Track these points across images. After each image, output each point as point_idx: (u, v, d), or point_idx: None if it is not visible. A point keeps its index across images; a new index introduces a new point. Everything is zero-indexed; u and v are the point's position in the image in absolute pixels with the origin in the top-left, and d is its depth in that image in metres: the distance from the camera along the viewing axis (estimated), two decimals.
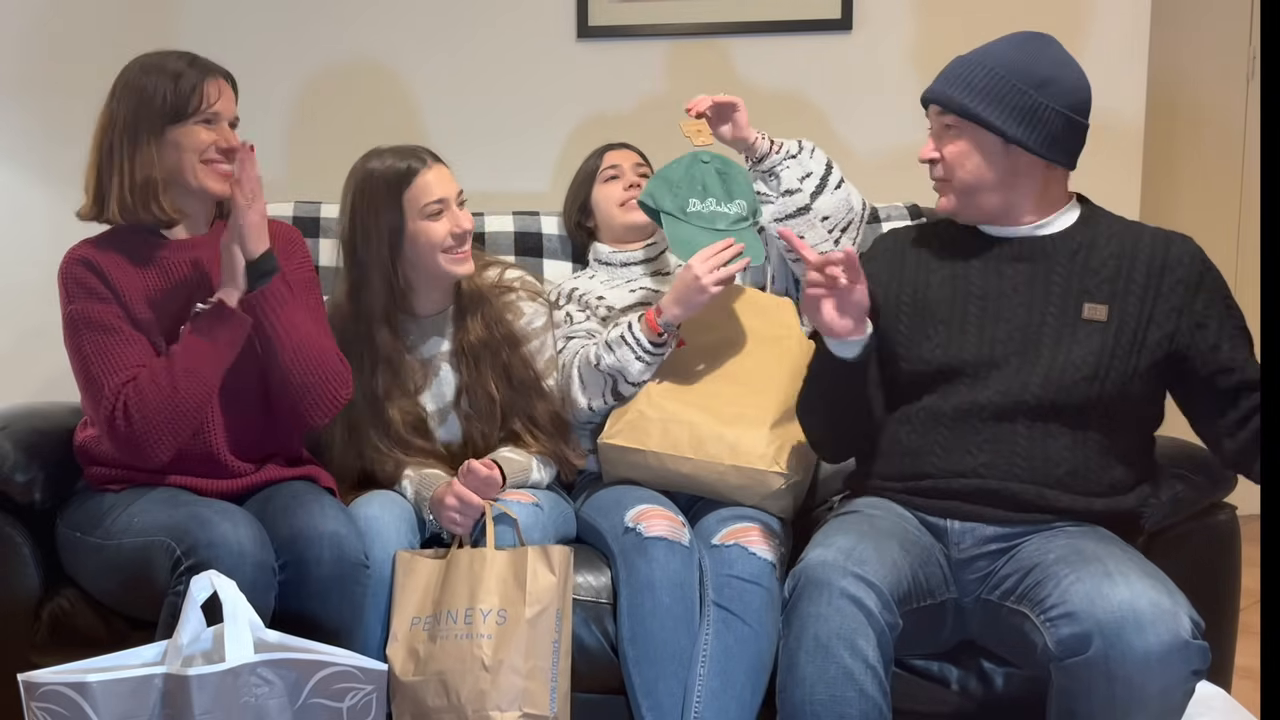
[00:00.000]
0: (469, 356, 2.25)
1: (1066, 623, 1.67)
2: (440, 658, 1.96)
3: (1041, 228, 1.98)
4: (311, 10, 3.18)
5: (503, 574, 2.02)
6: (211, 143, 2.04)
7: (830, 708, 1.72)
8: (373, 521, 2.08)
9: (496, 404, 2.23)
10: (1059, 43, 1.97)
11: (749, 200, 2.32)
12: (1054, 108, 1.90)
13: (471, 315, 2.26)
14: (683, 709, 1.97)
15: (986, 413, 1.92)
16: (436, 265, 2.20)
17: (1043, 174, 1.96)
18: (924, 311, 2.00)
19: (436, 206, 2.17)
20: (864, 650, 1.72)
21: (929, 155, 1.99)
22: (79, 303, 2.02)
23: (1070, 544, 1.80)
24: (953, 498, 1.93)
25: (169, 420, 1.96)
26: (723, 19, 3.09)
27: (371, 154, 2.23)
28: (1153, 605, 1.63)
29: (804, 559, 1.83)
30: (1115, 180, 2.98)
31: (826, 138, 3.07)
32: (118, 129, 2.03)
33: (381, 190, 2.17)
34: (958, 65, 1.97)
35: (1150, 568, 1.74)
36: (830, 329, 1.92)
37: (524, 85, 3.15)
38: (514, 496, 2.14)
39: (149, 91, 2.02)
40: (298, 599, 1.91)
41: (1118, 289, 1.91)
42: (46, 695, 1.62)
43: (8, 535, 2.12)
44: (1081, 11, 2.97)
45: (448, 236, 2.18)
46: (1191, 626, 1.64)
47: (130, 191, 2.02)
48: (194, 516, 1.88)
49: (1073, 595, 1.69)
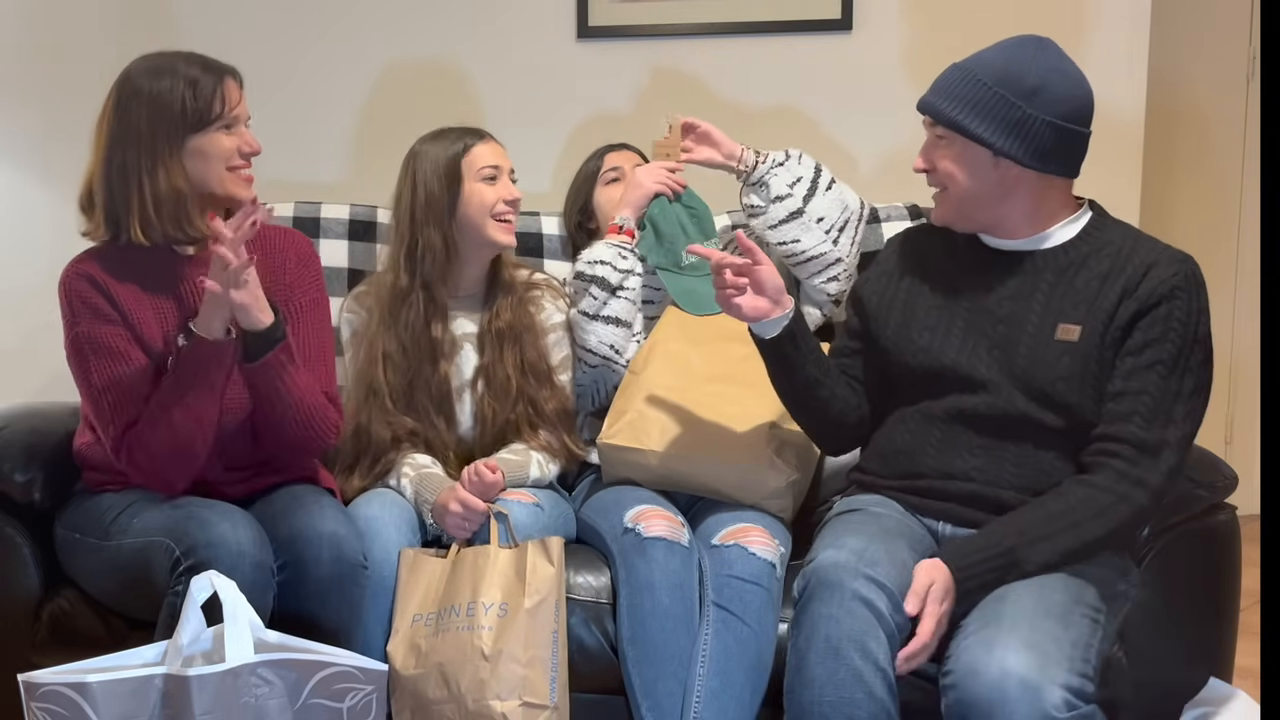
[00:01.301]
0: (494, 338, 2.33)
1: (952, 691, 1.67)
2: (440, 650, 1.97)
3: (1040, 240, 1.95)
4: (308, 10, 3.18)
5: (505, 571, 2.03)
6: (235, 148, 1.99)
7: (839, 709, 1.72)
8: (372, 522, 2.09)
9: (512, 384, 2.30)
10: (1056, 47, 1.93)
11: (715, 235, 2.47)
12: (1044, 118, 1.86)
13: (502, 300, 2.35)
14: (682, 709, 1.97)
15: (976, 420, 1.92)
16: (484, 230, 2.31)
17: (1035, 185, 1.92)
18: (912, 314, 2.00)
19: (491, 171, 2.32)
20: (874, 653, 1.72)
21: (921, 167, 1.99)
22: (84, 324, 1.97)
23: (1004, 588, 1.79)
24: (947, 499, 1.94)
25: (175, 461, 1.95)
26: (723, 19, 3.08)
27: (433, 132, 2.38)
28: (1020, 684, 1.61)
29: (815, 559, 1.83)
30: (1115, 180, 2.97)
31: (826, 138, 3.07)
32: (131, 141, 1.93)
33: (444, 156, 2.31)
34: (950, 74, 1.94)
35: (1042, 630, 1.68)
36: (750, 317, 1.98)
37: (524, 85, 3.15)
38: (515, 496, 2.15)
39: (165, 98, 1.93)
40: (296, 599, 1.91)
41: (1093, 309, 1.88)
42: (46, 695, 1.62)
43: (8, 535, 2.13)
44: (1081, 11, 2.97)
45: (499, 201, 2.31)
46: (1063, 698, 1.61)
47: (156, 209, 1.94)
48: (192, 517, 1.88)
49: (960, 664, 1.68)
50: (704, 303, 2.29)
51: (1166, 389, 1.83)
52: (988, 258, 1.99)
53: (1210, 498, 2.07)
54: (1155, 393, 1.82)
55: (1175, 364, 1.83)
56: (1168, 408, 1.82)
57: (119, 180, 1.95)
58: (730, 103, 3.12)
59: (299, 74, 3.16)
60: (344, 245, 2.66)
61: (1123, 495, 1.81)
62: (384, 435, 2.25)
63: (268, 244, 2.10)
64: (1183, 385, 1.84)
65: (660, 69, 3.12)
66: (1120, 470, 1.82)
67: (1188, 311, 1.85)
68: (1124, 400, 1.84)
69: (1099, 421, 1.86)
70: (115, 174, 1.95)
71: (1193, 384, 1.85)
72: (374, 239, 2.64)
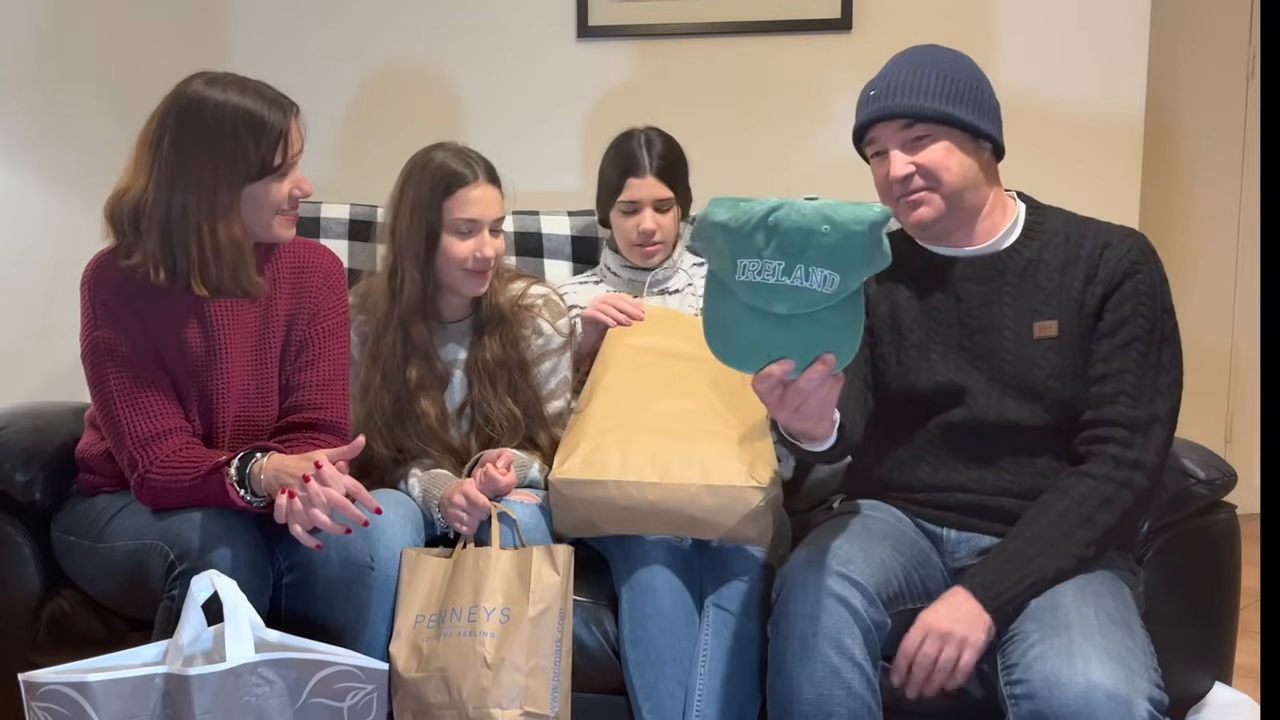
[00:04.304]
0: (482, 372, 2.25)
1: (1027, 702, 1.65)
2: (443, 655, 1.96)
3: (995, 244, 1.95)
4: (309, 7, 3.18)
5: (507, 573, 2.02)
6: (288, 194, 1.94)
7: (818, 706, 1.72)
8: (378, 522, 2.08)
9: (505, 420, 2.24)
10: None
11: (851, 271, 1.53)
12: (993, 96, 1.93)
13: (490, 332, 2.27)
14: (684, 709, 1.97)
15: (967, 433, 1.92)
16: (454, 282, 2.22)
17: (994, 168, 1.96)
18: (897, 333, 1.99)
19: (468, 226, 2.19)
20: (850, 648, 1.72)
21: (905, 171, 1.90)
22: (104, 329, 1.93)
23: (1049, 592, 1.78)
24: (948, 509, 1.94)
25: (191, 502, 1.90)
26: (723, 19, 3.09)
27: (437, 146, 2.24)
28: (1108, 697, 1.59)
29: (790, 558, 1.84)
30: (1115, 180, 2.98)
31: (826, 138, 3.07)
32: (192, 185, 1.86)
33: (428, 188, 2.18)
34: (902, 79, 1.90)
35: (1115, 639, 1.66)
36: (793, 428, 1.74)
37: (523, 85, 3.15)
38: (518, 496, 2.14)
39: (229, 144, 1.85)
40: (303, 600, 1.91)
41: (1063, 300, 1.89)
42: (47, 695, 1.62)
43: (8, 535, 2.13)
44: (1081, 11, 2.97)
45: (470, 258, 2.19)
46: (1148, 710, 1.60)
47: (215, 258, 1.88)
48: (187, 519, 1.86)
49: (1035, 673, 1.65)
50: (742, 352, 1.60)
51: (1146, 363, 1.85)
52: (946, 269, 1.97)
53: (1210, 496, 2.07)
54: (1137, 369, 1.85)
55: (1150, 337, 1.86)
56: (1151, 380, 1.85)
57: (179, 226, 1.88)
58: (730, 103, 3.13)
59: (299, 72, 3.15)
60: (344, 245, 2.67)
61: (1123, 481, 1.82)
62: (385, 453, 2.23)
63: (295, 260, 2.08)
64: (1161, 356, 1.86)
65: (660, 69, 3.13)
66: (1116, 455, 1.83)
67: (1151, 283, 1.88)
68: (1108, 382, 1.85)
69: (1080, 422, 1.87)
70: (175, 218, 1.88)
71: (1170, 353, 1.87)
72: (373, 239, 2.64)
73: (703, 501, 1.99)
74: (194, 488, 1.87)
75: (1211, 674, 2.08)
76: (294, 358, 2.06)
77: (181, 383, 1.98)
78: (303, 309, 2.06)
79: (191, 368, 1.98)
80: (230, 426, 2.01)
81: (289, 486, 1.78)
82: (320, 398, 2.04)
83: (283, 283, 2.05)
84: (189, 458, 1.91)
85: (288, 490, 1.78)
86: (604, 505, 2.02)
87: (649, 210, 2.40)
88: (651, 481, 2.00)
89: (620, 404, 2.12)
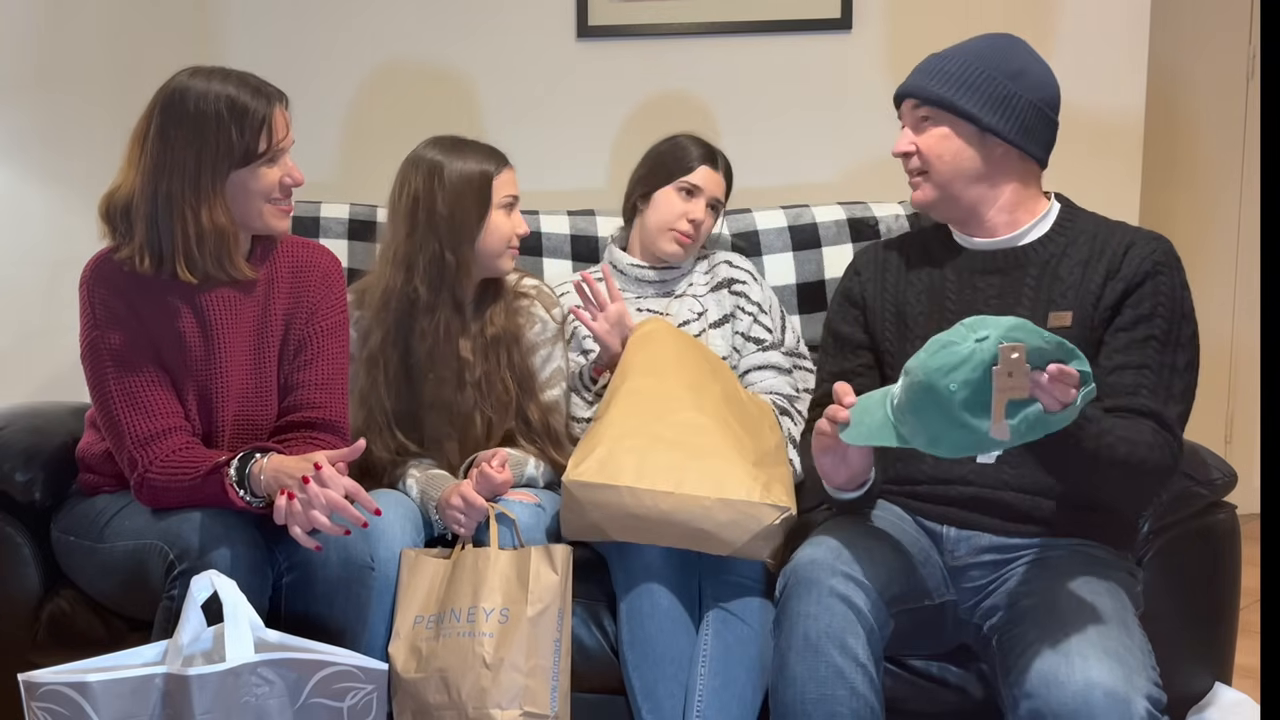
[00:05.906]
0: (489, 345, 2.28)
1: (1026, 702, 1.65)
2: (442, 655, 1.97)
3: (1019, 238, 1.96)
4: (309, 6, 3.18)
5: (506, 573, 2.02)
6: (278, 181, 1.94)
7: (821, 706, 1.72)
8: (378, 522, 2.08)
9: (510, 393, 2.27)
10: (1028, 44, 1.97)
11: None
12: (1027, 98, 1.90)
13: (494, 308, 2.31)
14: (684, 710, 1.97)
15: None
16: (497, 260, 2.27)
17: (1018, 167, 1.94)
18: (905, 323, 2.00)
19: (511, 200, 2.27)
20: (854, 648, 1.72)
21: (904, 148, 1.97)
22: (104, 329, 1.93)
23: (1048, 587, 1.78)
24: (949, 504, 1.94)
25: (190, 502, 1.90)
26: (723, 19, 3.09)
27: (450, 140, 2.27)
28: (1107, 696, 1.59)
29: (794, 558, 1.83)
30: (1115, 180, 2.98)
31: (825, 137, 3.08)
32: (176, 172, 1.87)
33: (477, 165, 2.24)
34: (932, 60, 1.97)
35: (1113, 638, 1.66)
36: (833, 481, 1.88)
37: (523, 84, 3.15)
38: (516, 496, 2.15)
39: (211, 130, 1.86)
40: (303, 601, 1.91)
41: (1081, 293, 1.89)
42: (47, 695, 1.62)
43: (8, 535, 2.13)
44: (1082, 11, 2.97)
45: (513, 234, 2.27)
46: (1147, 708, 1.60)
47: (199, 245, 1.89)
48: (186, 519, 1.86)
49: (1033, 672, 1.65)
50: (955, 441, 1.60)
51: (1163, 362, 1.84)
52: (969, 260, 1.99)
53: (1209, 496, 2.08)
54: (1154, 366, 1.84)
55: (1168, 338, 1.85)
56: (1167, 382, 1.83)
57: (164, 213, 1.89)
58: (730, 102, 3.13)
59: (299, 72, 3.16)
60: (344, 245, 2.66)
61: (1162, 444, 1.79)
62: (385, 457, 2.23)
63: (294, 259, 2.08)
64: (1176, 359, 1.85)
65: (660, 69, 3.13)
66: (1154, 427, 1.80)
67: (1172, 286, 1.87)
68: (1126, 374, 1.84)
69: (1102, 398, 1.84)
70: (160, 206, 1.89)
71: (1185, 358, 1.86)
72: (373, 239, 2.64)
73: (716, 516, 1.97)
74: (193, 488, 1.87)
75: (1212, 674, 2.09)
76: (293, 357, 2.06)
77: (181, 382, 1.98)
78: (301, 308, 2.06)
79: (190, 366, 1.98)
80: (229, 425, 2.01)
81: (288, 488, 1.79)
82: (319, 397, 2.04)
83: (281, 282, 2.05)
84: (189, 458, 1.91)
85: (287, 491, 1.78)
86: (616, 511, 2.00)
87: (704, 200, 2.43)
88: (665, 490, 1.97)
89: (640, 412, 2.09)
